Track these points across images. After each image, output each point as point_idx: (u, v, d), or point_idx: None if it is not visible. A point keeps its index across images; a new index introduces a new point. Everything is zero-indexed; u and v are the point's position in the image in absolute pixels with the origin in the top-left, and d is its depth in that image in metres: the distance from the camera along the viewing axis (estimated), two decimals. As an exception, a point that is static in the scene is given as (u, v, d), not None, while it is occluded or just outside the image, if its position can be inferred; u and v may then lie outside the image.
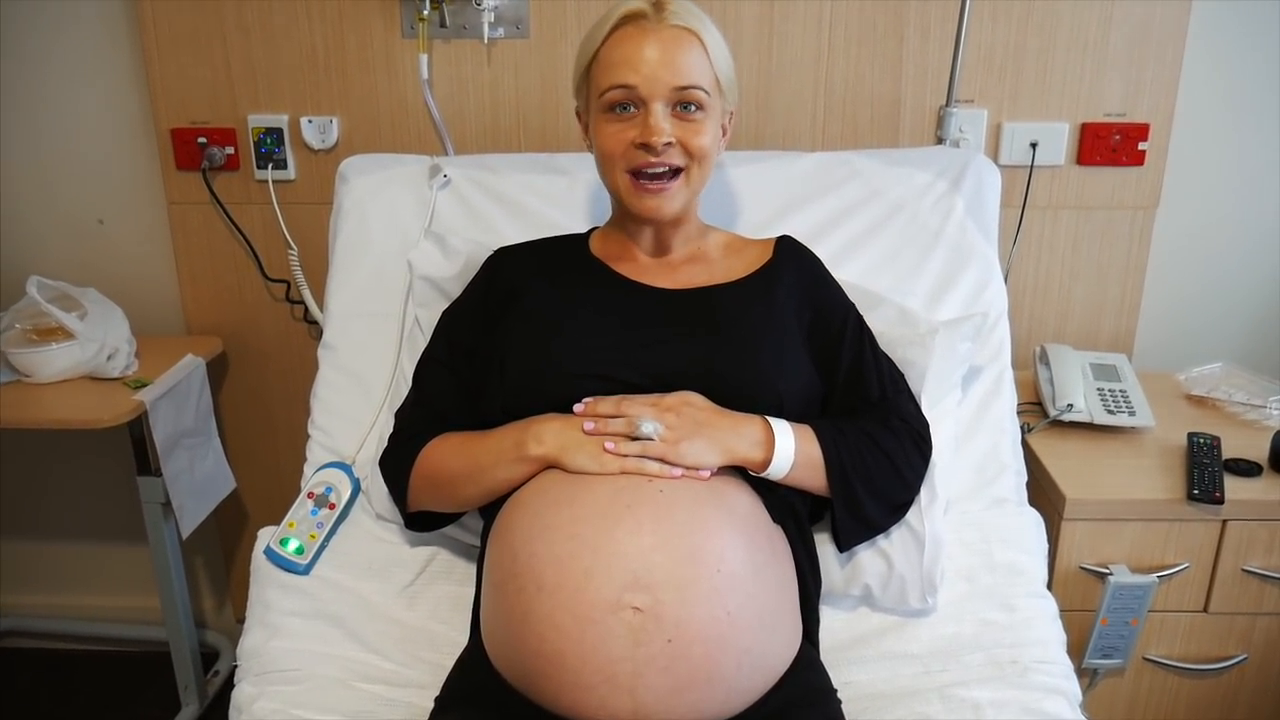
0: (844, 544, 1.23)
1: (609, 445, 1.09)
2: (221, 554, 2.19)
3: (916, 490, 1.26)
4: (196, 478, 1.87)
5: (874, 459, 1.20)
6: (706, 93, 1.20)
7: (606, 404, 1.13)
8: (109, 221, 1.97)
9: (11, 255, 1.98)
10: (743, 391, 1.17)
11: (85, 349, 1.74)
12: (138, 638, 2.21)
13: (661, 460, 1.08)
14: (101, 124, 1.90)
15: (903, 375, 1.33)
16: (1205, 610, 1.55)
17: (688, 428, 1.11)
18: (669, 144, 1.19)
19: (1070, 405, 1.63)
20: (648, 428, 1.09)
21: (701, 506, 1.06)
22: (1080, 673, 1.31)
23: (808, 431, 1.17)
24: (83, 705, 2.11)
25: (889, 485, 1.22)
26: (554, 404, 1.16)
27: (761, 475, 1.14)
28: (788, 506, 1.17)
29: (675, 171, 1.21)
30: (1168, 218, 1.86)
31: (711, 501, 1.07)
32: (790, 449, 1.14)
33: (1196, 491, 1.46)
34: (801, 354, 1.24)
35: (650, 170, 1.20)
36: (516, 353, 1.21)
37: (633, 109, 1.19)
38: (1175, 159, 1.83)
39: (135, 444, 1.78)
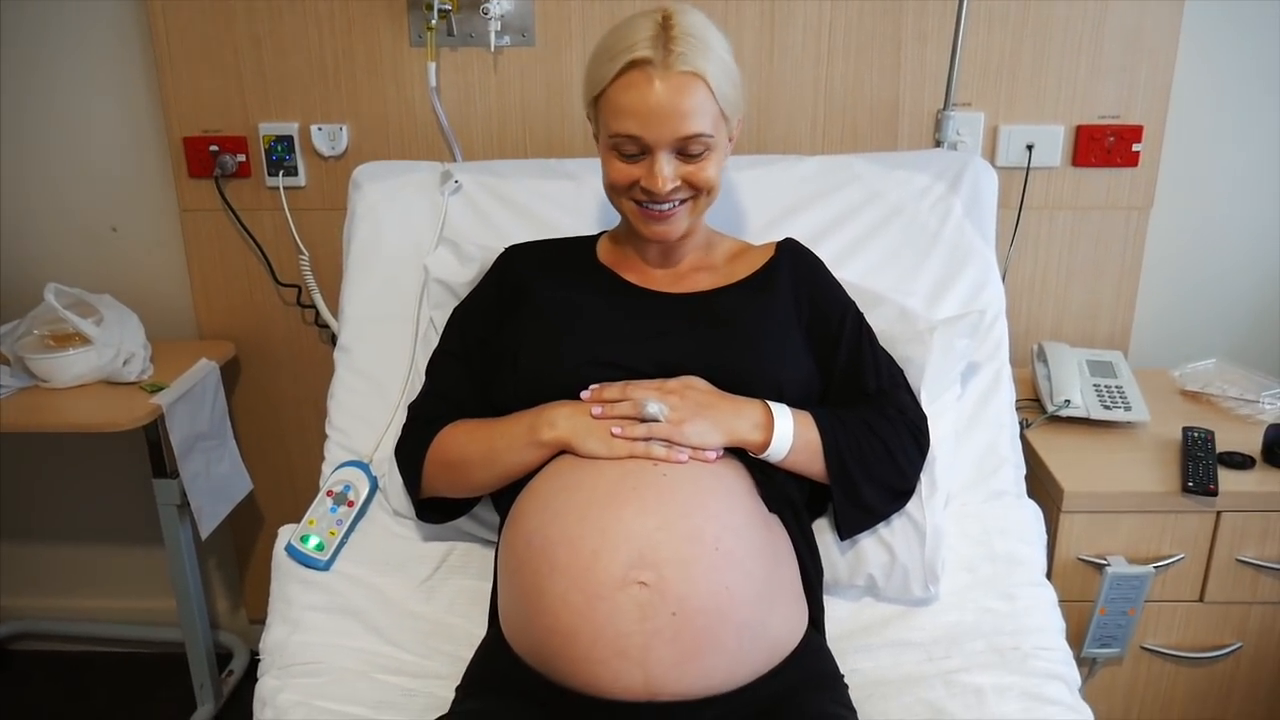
0: (844, 531, 1.27)
1: (616, 431, 1.13)
2: (235, 555, 2.22)
3: (912, 478, 1.29)
4: (213, 480, 1.89)
5: (869, 445, 1.23)
6: (710, 135, 1.20)
7: (613, 389, 1.18)
8: (123, 229, 2.00)
9: (29, 262, 2.01)
10: (744, 380, 1.21)
11: (102, 354, 1.77)
12: (153, 639, 2.24)
13: (667, 441, 1.13)
14: (115, 133, 1.93)
15: (902, 371, 1.36)
16: (1201, 600, 1.58)
17: (691, 409, 1.15)
18: (675, 188, 1.22)
19: (1067, 401, 1.66)
20: (653, 408, 1.13)
21: (701, 490, 1.11)
22: (1079, 662, 1.34)
23: (806, 417, 1.22)
24: (98, 706, 2.14)
25: (884, 471, 1.25)
26: (566, 394, 1.20)
27: (761, 457, 1.18)
28: (785, 497, 1.21)
29: (682, 200, 1.25)
30: (1162, 218, 1.89)
31: (710, 485, 1.12)
32: (789, 432, 1.18)
33: (1191, 484, 1.49)
34: (801, 347, 1.28)
35: (656, 205, 1.23)
36: (529, 347, 1.26)
37: (639, 155, 1.21)
38: (1169, 160, 1.85)
39: (151, 447, 1.81)
